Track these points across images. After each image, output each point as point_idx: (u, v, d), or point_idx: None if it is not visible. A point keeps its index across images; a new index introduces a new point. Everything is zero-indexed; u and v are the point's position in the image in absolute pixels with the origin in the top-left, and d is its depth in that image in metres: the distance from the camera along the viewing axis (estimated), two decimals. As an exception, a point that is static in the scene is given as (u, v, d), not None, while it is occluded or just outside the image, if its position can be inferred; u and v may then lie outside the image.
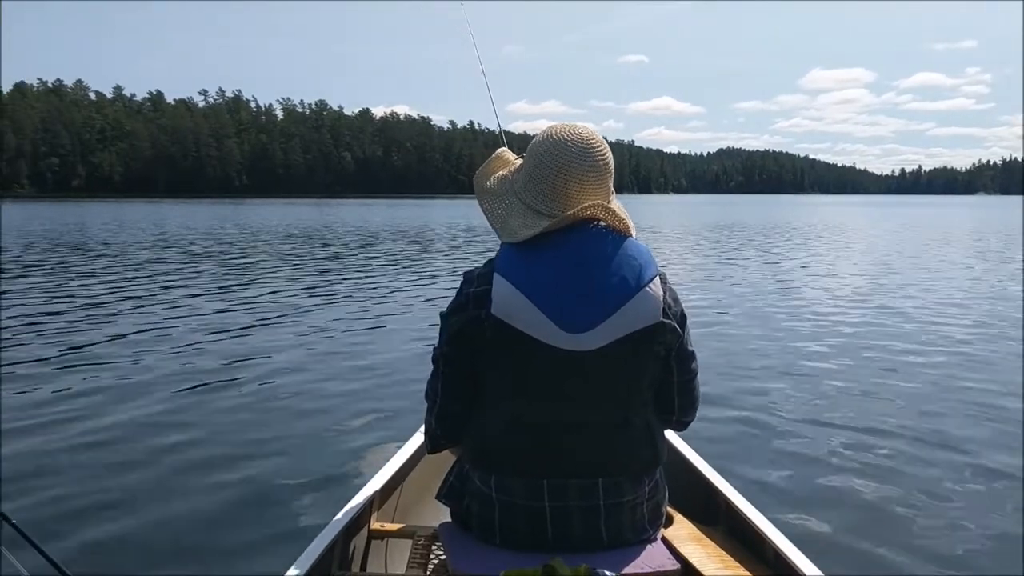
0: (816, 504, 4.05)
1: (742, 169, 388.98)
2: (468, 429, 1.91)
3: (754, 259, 19.38)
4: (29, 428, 5.25)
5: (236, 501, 4.07)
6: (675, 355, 1.88)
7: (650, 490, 1.89)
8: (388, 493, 2.53)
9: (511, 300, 1.74)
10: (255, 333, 8.87)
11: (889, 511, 3.98)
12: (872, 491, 4.23)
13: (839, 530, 3.74)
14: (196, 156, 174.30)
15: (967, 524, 3.81)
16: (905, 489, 4.23)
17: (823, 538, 3.65)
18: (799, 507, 3.99)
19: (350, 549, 2.22)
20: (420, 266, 17.46)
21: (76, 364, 7.21)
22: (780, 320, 9.92)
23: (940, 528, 3.77)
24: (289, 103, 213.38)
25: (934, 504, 4.05)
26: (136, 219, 43.49)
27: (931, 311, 10.61)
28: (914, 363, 7.39)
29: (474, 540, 1.90)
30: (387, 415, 5.62)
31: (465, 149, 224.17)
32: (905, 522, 3.85)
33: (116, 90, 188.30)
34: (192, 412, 5.69)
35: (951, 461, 4.66)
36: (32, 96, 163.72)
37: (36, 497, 4.06)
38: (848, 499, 4.15)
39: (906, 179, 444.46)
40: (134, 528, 3.75)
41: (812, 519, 3.85)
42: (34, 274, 14.98)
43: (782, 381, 6.68)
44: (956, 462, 4.64)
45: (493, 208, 1.93)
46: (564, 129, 1.86)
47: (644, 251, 1.83)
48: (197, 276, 14.91)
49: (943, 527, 3.78)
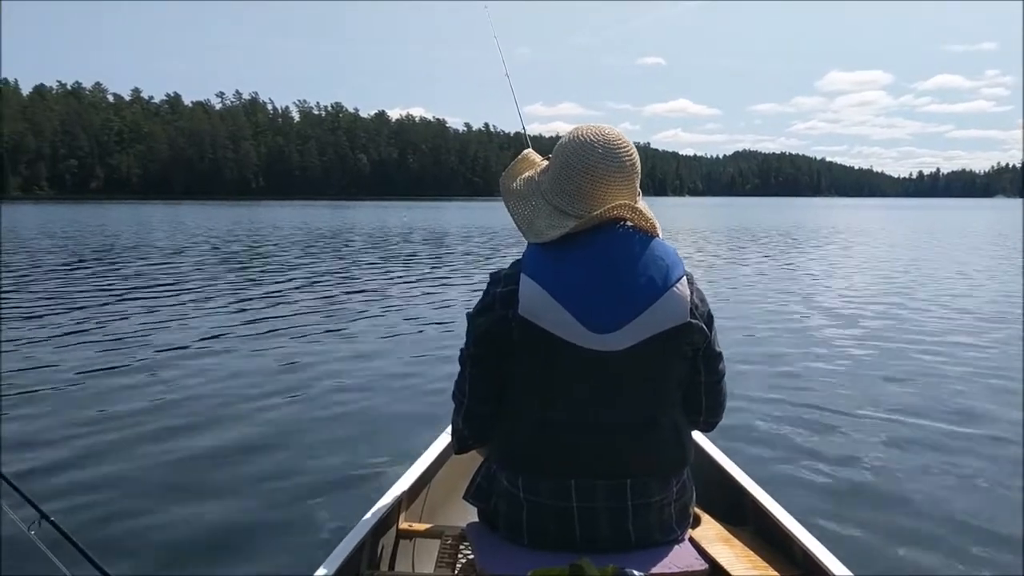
0: (845, 504, 4.04)
1: (758, 172, 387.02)
2: (495, 430, 1.92)
3: (775, 259, 19.33)
4: (63, 425, 5.35)
5: (267, 500, 4.12)
6: (703, 356, 1.87)
7: (678, 491, 1.88)
8: (416, 493, 2.55)
9: (538, 300, 1.73)
10: (288, 334, 8.92)
11: (921, 512, 3.95)
12: (904, 491, 4.21)
13: (869, 530, 3.72)
14: (213, 158, 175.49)
15: (1003, 528, 3.76)
16: (938, 490, 4.21)
17: (853, 538, 3.63)
18: (828, 507, 3.98)
19: (379, 548, 2.23)
20: (450, 267, 17.55)
21: (110, 362, 7.30)
22: (804, 320, 9.91)
23: (974, 531, 3.74)
24: (305, 105, 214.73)
25: (968, 507, 4.01)
26: (170, 220, 43.79)
27: (966, 314, 10.59)
28: (949, 362, 7.40)
29: (502, 540, 1.90)
30: (415, 416, 5.65)
31: (480, 151, 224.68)
32: (938, 523, 3.81)
33: (134, 92, 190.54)
34: (222, 410, 5.78)
35: (987, 463, 4.63)
36: (52, 99, 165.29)
37: (72, 493, 4.14)
38: (878, 499, 4.13)
39: (924, 182, 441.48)
40: (161, 524, 3.80)
41: (841, 519, 3.83)
42: (52, 278, 15.11)
43: (807, 378, 6.68)
44: (993, 464, 4.61)
45: (519, 209, 1.94)
46: (590, 130, 1.86)
47: (671, 251, 1.82)
48: (228, 278, 15.01)
49: (977, 529, 3.75)
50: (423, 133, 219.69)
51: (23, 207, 72.30)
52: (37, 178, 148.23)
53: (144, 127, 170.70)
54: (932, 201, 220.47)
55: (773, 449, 4.91)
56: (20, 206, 75.76)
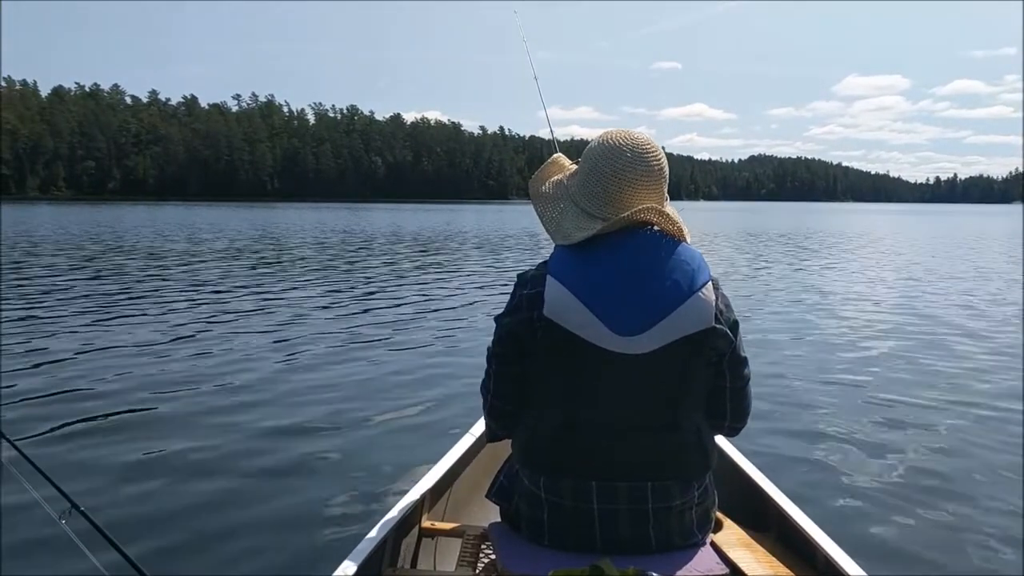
0: (868, 510, 4.04)
1: (773, 176, 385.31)
2: (518, 429, 1.93)
3: (793, 265, 19.25)
4: (90, 429, 5.42)
5: (292, 495, 4.18)
6: (727, 361, 1.87)
7: (699, 495, 1.88)
8: (439, 492, 2.57)
9: (563, 302, 1.75)
10: (314, 336, 8.99)
11: (945, 520, 3.93)
12: (926, 498, 4.20)
13: (892, 537, 3.72)
14: (229, 160, 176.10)
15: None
16: (963, 497, 4.20)
17: (876, 545, 3.62)
18: (850, 513, 3.98)
19: (401, 546, 2.25)
20: (482, 269, 17.65)
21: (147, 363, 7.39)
22: (829, 327, 9.91)
23: (999, 539, 3.72)
24: (321, 108, 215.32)
25: (993, 514, 3.99)
26: (210, 222, 44.05)
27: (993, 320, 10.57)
28: (973, 369, 7.41)
29: (523, 540, 1.92)
30: (441, 415, 5.73)
31: (495, 155, 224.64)
32: (962, 531, 3.80)
33: (151, 94, 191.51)
34: (250, 407, 5.90)
35: (1010, 471, 4.61)
36: (70, 100, 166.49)
37: (107, 495, 4.20)
38: (902, 506, 4.11)
39: (941, 188, 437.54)
40: (186, 517, 3.88)
41: (864, 525, 3.83)
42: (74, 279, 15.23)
43: (830, 386, 6.70)
44: (1015, 472, 4.59)
45: (548, 211, 1.96)
46: (619, 135, 1.88)
47: (697, 256, 1.82)
48: (257, 278, 15.14)
49: (1003, 538, 3.73)
50: (438, 136, 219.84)
51: (42, 207, 72.81)
52: (55, 178, 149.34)
53: (161, 129, 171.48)
54: (950, 207, 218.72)
55: (795, 455, 4.90)
56: (39, 206, 76.26)
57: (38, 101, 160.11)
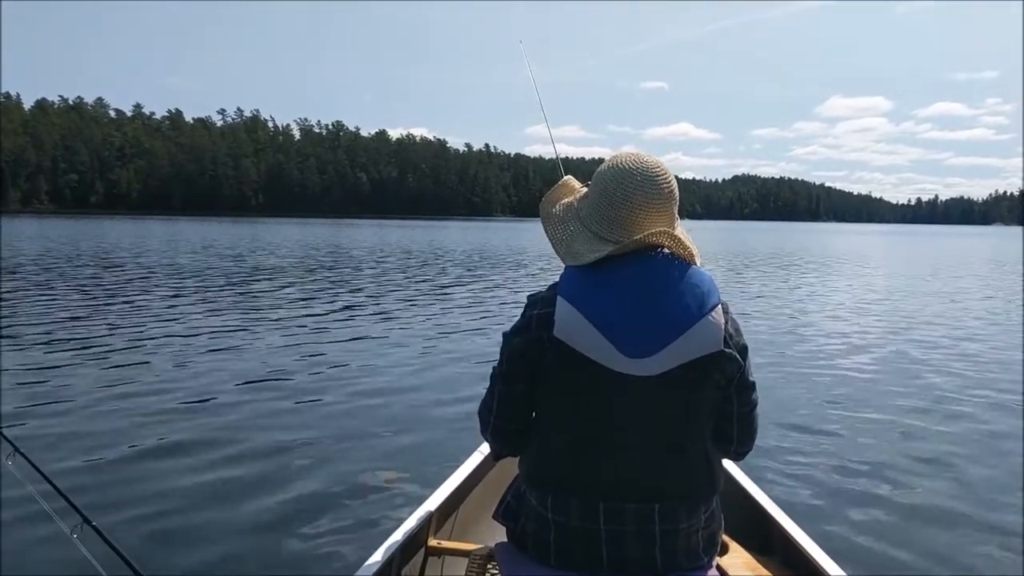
0: (873, 534, 4.05)
1: (756, 196, 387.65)
2: (526, 449, 1.94)
3: (780, 286, 19.38)
4: (101, 432, 5.50)
5: (299, 512, 4.19)
6: (736, 385, 1.87)
7: (706, 518, 1.89)
8: (446, 511, 2.57)
9: (573, 323, 1.75)
10: (327, 348, 9.04)
11: (952, 543, 3.95)
12: (932, 522, 4.23)
13: (898, 562, 3.73)
14: (213, 174, 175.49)
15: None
16: (969, 521, 4.22)
17: (880, 568, 3.64)
18: (856, 537, 3.99)
19: (407, 564, 2.25)
20: (494, 285, 17.75)
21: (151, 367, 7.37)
22: (829, 348, 9.95)
23: (1010, 566, 3.73)
24: (306, 123, 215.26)
25: (997, 533, 4.03)
26: (188, 237, 43.80)
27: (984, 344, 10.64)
28: (970, 388, 7.51)
29: (530, 560, 1.92)
30: (449, 434, 5.74)
31: (480, 172, 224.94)
32: (970, 558, 3.81)
33: (136, 108, 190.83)
34: (256, 420, 5.94)
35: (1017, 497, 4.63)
36: (53, 113, 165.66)
37: (112, 495, 4.25)
38: (908, 529, 4.14)
39: (922, 208, 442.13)
40: (195, 532, 3.88)
41: (870, 549, 3.84)
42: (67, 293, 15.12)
43: (834, 409, 6.72)
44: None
45: (557, 233, 1.97)
46: (629, 158, 1.88)
47: (707, 279, 1.82)
48: (277, 291, 15.24)
49: (1014, 564, 3.74)
50: (423, 152, 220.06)
51: (25, 221, 72.20)
52: (37, 192, 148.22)
53: (145, 143, 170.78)
54: (931, 228, 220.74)
55: (801, 479, 4.90)
56: (21, 220, 75.63)
57: (21, 114, 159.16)
